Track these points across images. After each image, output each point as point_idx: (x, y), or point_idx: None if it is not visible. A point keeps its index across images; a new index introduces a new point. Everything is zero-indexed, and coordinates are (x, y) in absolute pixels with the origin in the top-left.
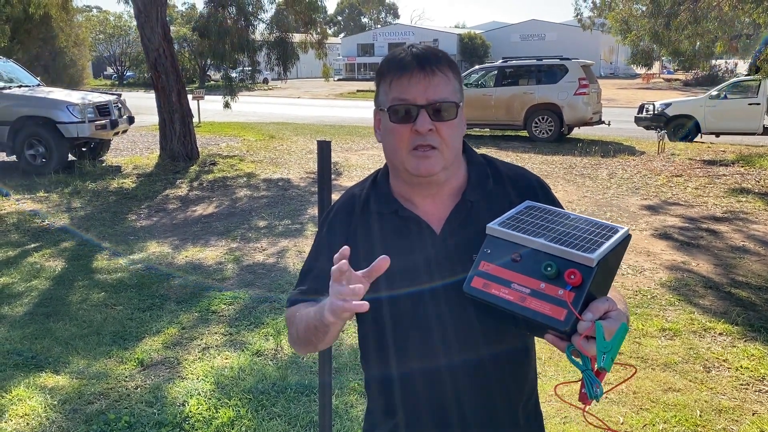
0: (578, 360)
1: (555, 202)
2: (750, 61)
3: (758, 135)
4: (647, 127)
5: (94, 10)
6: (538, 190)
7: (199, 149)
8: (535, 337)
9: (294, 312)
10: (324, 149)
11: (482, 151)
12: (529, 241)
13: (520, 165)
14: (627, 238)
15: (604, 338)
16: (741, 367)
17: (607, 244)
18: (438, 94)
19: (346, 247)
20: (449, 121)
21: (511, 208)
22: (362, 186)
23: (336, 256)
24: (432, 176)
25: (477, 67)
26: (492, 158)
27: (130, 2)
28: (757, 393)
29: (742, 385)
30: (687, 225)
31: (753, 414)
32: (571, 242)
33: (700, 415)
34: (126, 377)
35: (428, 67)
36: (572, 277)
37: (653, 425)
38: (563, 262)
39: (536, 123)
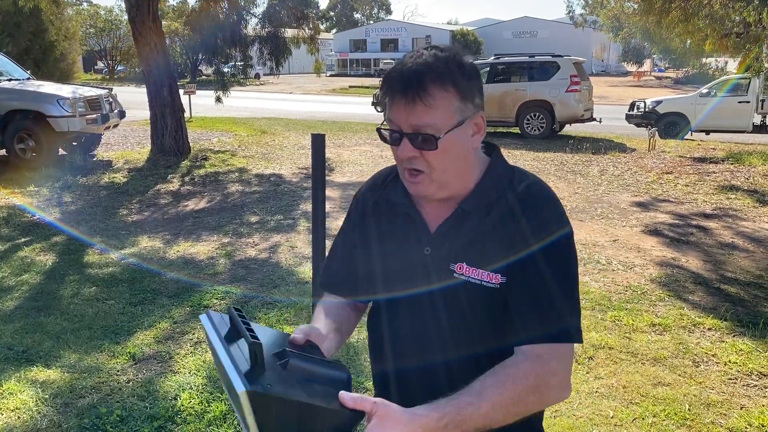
0: None
1: (561, 259)
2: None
3: (748, 133)
4: (638, 125)
5: (84, 4)
6: (546, 235)
7: (191, 144)
8: None
9: (321, 308)
10: (318, 142)
11: None
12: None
13: (552, 195)
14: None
15: None
16: (729, 361)
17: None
18: (419, 120)
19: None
20: (431, 151)
21: (508, 230)
22: (391, 170)
23: None
24: (425, 197)
25: None
26: (517, 174)
27: None
28: (745, 387)
29: (730, 379)
30: (677, 222)
31: (741, 408)
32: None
33: (689, 409)
34: (118, 371)
35: (410, 93)
36: None
37: (643, 419)
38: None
39: (528, 120)
